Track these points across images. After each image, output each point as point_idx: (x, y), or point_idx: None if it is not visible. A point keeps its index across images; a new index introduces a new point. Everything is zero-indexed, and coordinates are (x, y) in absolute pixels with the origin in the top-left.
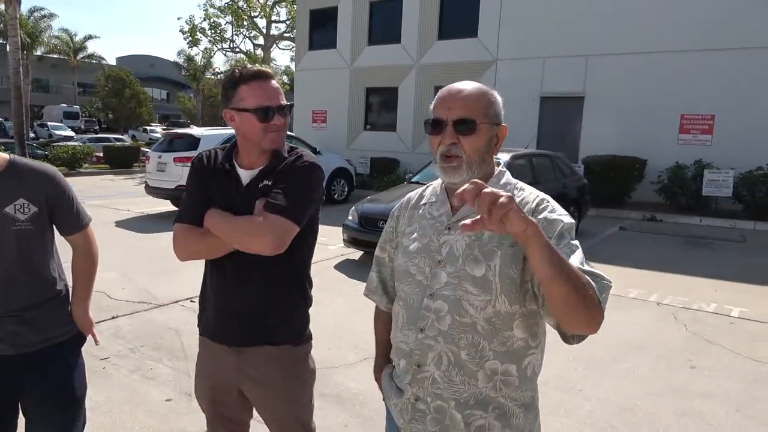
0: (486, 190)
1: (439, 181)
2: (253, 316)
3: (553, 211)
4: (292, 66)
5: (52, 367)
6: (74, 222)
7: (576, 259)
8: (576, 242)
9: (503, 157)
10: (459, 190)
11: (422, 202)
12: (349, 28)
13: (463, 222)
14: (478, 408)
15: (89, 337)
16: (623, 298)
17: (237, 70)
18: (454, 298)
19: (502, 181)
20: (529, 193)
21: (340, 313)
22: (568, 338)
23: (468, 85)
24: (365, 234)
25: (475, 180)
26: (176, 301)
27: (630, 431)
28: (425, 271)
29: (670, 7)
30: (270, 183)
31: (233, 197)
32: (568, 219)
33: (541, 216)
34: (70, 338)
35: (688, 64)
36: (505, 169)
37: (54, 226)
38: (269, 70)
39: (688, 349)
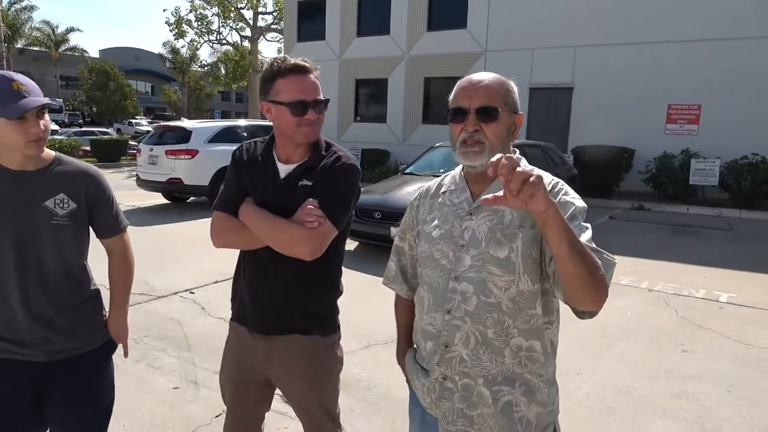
0: (519, 167)
1: (458, 169)
2: (286, 308)
3: (567, 194)
4: None
5: (82, 376)
6: (113, 224)
7: (585, 238)
8: (587, 224)
9: None
10: (494, 159)
11: (442, 191)
12: (338, 20)
13: (484, 197)
14: (505, 384)
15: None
16: (616, 285)
17: (276, 63)
18: (479, 280)
19: None
20: (544, 176)
21: (340, 303)
22: (580, 314)
23: (487, 75)
24: (361, 225)
25: (510, 155)
26: (175, 293)
27: (626, 412)
28: (449, 255)
29: None
30: (310, 184)
31: (269, 190)
32: (580, 203)
33: (559, 199)
34: (102, 345)
35: (675, 55)
36: (521, 156)
37: (91, 228)
38: (309, 64)
39: (679, 333)
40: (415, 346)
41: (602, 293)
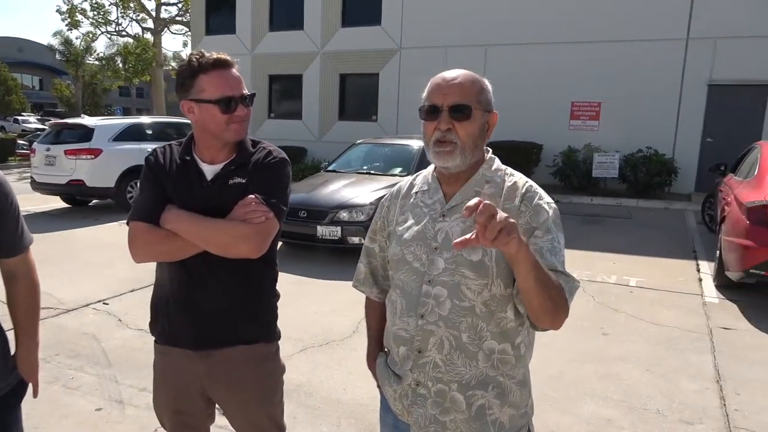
0: (499, 215)
1: (429, 169)
2: (223, 316)
3: (541, 198)
4: (185, 52)
5: None
6: (17, 241)
7: (556, 259)
8: (561, 239)
9: (416, 144)
10: (471, 203)
11: (413, 191)
12: (248, 13)
13: (455, 241)
14: (479, 388)
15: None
16: None
17: (195, 59)
18: (453, 283)
19: (493, 167)
20: (518, 178)
21: None
22: (537, 328)
23: (461, 72)
24: (286, 224)
25: (488, 203)
26: (87, 305)
27: (559, 396)
28: (422, 258)
29: (561, 2)
30: (244, 181)
31: (196, 193)
32: (552, 207)
33: (533, 203)
34: (10, 391)
35: (577, 55)
36: (494, 156)
37: None
38: (230, 58)
39: (598, 318)
40: (386, 350)
41: (563, 317)
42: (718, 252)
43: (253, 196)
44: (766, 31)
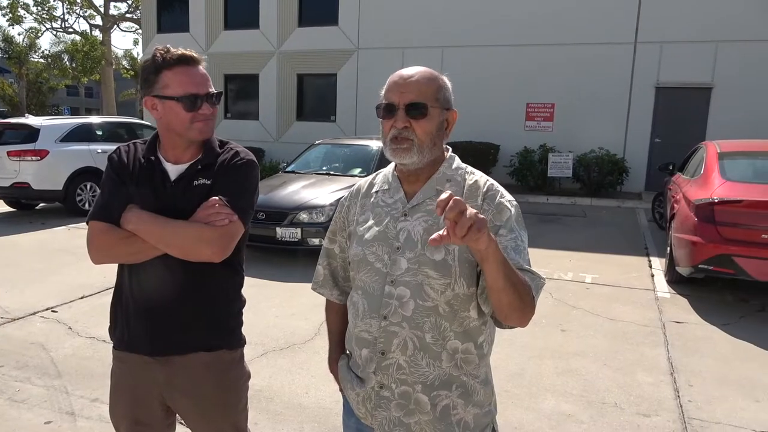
0: (469, 212)
1: (389, 168)
2: (185, 321)
3: (502, 196)
4: (136, 50)
5: None
6: None
7: (521, 257)
8: (524, 237)
9: (376, 144)
10: (443, 196)
11: (374, 190)
12: (202, 11)
13: (431, 238)
14: (443, 388)
15: None
16: None
17: (159, 54)
18: (416, 283)
19: (453, 166)
20: (479, 177)
21: None
22: (503, 326)
23: (418, 70)
24: None
25: (458, 198)
26: (34, 313)
27: (521, 392)
28: (384, 258)
29: (516, 6)
30: (209, 182)
31: (159, 193)
32: (514, 205)
33: (495, 202)
34: None
35: (531, 57)
36: (454, 154)
37: None
38: (196, 55)
39: (556, 314)
40: (348, 352)
41: (530, 314)
42: (668, 248)
43: (217, 198)
44: (708, 37)
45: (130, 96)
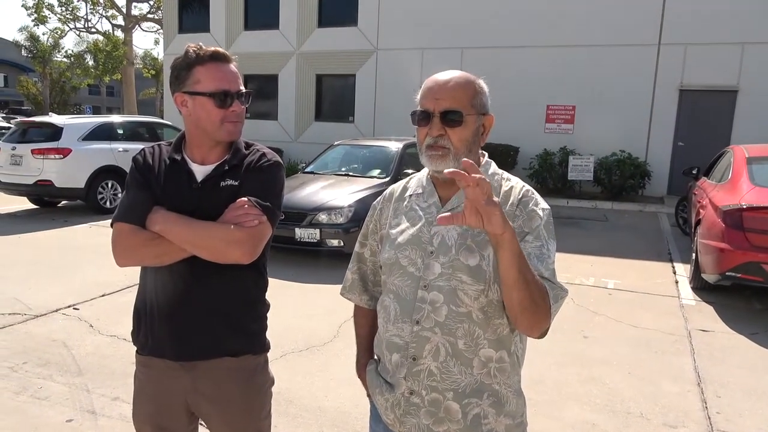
0: (485, 189)
1: (424, 172)
2: (210, 326)
3: (536, 204)
4: (156, 50)
5: None
6: None
7: (543, 265)
8: (551, 246)
9: (395, 146)
10: (468, 174)
11: (407, 194)
12: (223, 12)
13: (441, 215)
14: (474, 396)
15: None
16: None
17: (192, 50)
18: (449, 288)
19: (490, 171)
20: (515, 183)
21: None
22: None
23: (454, 75)
24: None
25: (483, 178)
26: (56, 310)
27: (543, 400)
28: (417, 262)
29: (536, 7)
30: (236, 184)
31: (185, 194)
32: (546, 213)
33: (527, 208)
34: None
35: (552, 58)
36: (490, 160)
37: None
38: (228, 53)
39: (578, 320)
40: (376, 357)
41: (541, 322)
42: (693, 254)
43: (245, 198)
44: (734, 38)
45: (150, 95)
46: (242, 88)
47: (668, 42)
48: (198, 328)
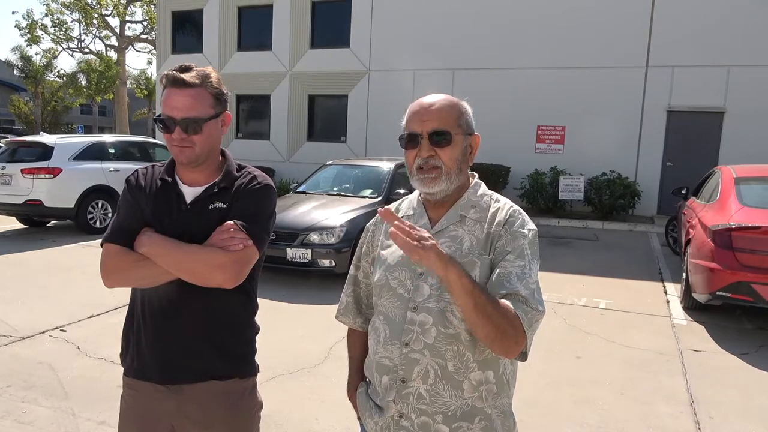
0: (414, 233)
1: (415, 194)
2: (197, 349)
3: (522, 224)
4: (150, 70)
5: None
6: None
7: (523, 286)
8: (533, 266)
9: (387, 166)
10: (392, 229)
11: (399, 215)
12: (216, 33)
13: (381, 209)
14: (464, 420)
15: None
16: None
17: (166, 73)
18: (438, 310)
19: (479, 192)
20: (503, 204)
21: None
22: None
23: (438, 98)
24: None
25: (401, 226)
26: (43, 332)
27: (536, 422)
28: (406, 284)
29: (527, 29)
30: (225, 206)
31: (174, 216)
32: (532, 233)
33: (512, 229)
34: None
35: (542, 80)
36: (480, 180)
37: None
38: (192, 79)
39: (570, 341)
40: (367, 380)
41: (516, 347)
42: (684, 274)
43: (232, 222)
44: (720, 61)
45: (143, 115)
46: (192, 114)
47: (656, 64)
48: (185, 351)
